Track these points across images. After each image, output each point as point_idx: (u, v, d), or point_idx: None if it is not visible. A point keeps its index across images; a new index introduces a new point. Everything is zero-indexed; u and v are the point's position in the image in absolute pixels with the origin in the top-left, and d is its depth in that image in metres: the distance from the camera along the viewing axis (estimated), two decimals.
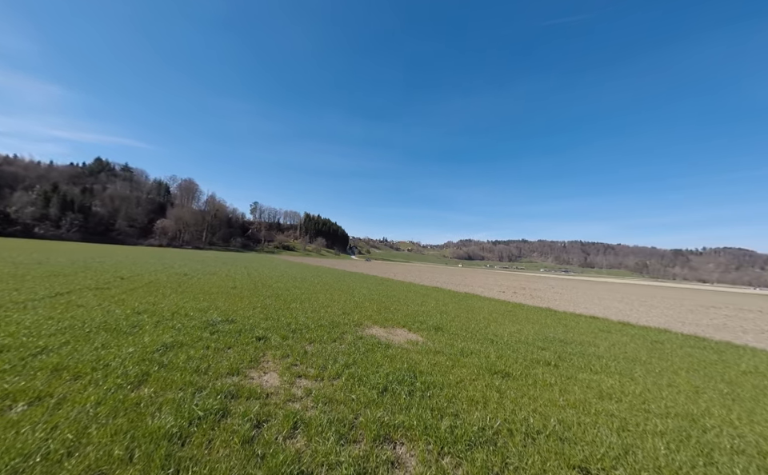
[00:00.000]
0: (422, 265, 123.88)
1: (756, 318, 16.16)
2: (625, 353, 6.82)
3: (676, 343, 8.22)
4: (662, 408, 3.84)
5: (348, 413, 2.94)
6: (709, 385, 4.97)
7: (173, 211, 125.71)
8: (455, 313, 10.38)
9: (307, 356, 4.58)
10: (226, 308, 7.70)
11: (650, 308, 17.80)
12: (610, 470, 2.43)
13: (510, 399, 3.70)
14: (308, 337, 5.60)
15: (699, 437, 3.12)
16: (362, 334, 6.32)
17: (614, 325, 10.67)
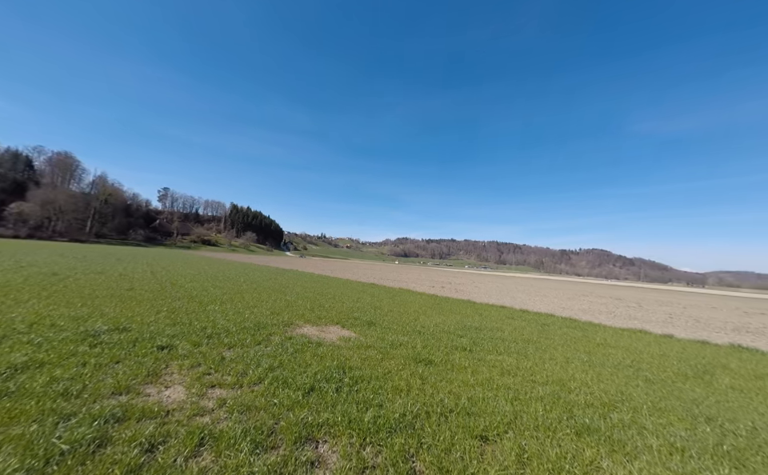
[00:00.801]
0: (360, 262, 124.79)
1: (608, 303, 21.40)
2: (522, 335, 8.16)
3: (557, 325, 10.26)
4: (544, 377, 4.74)
5: (268, 418, 2.75)
6: (575, 356, 6.36)
7: (38, 193, 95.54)
8: (389, 307, 10.78)
9: (224, 363, 4.11)
10: (116, 314, 6.31)
11: (542, 297, 21.78)
12: (503, 434, 2.88)
13: (430, 384, 4.03)
14: (227, 342, 5.03)
15: (565, 397, 3.98)
16: (292, 334, 6.01)
17: (517, 312, 12.69)
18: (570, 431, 3.05)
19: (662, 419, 3.58)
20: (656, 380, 5.20)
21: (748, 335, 11.50)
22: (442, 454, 2.47)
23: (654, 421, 3.49)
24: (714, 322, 14.67)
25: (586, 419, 3.33)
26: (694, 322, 14.19)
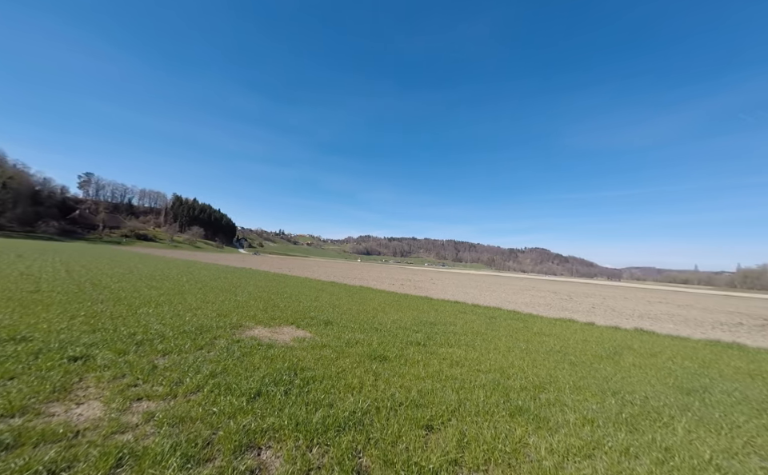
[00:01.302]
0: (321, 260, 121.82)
1: (546, 296, 24.02)
2: (472, 328, 8.75)
3: (503, 317, 11.20)
4: (487, 366, 5.15)
5: (204, 429, 2.53)
6: (516, 345, 7.02)
7: None
8: (348, 306, 10.71)
9: (156, 371, 3.68)
10: (13, 322, 5.25)
11: (492, 292, 23.61)
12: (447, 422, 3.06)
13: (383, 380, 4.11)
14: (161, 349, 4.51)
15: (504, 383, 4.37)
16: (241, 337, 5.63)
17: (469, 307, 13.56)
18: (505, 413, 3.36)
19: (580, 396, 4.14)
20: (578, 362, 5.99)
21: (649, 320, 13.86)
22: (389, 447, 2.53)
23: (573, 398, 4.01)
24: (625, 311, 17.40)
25: (520, 401, 3.71)
26: (611, 311, 16.66)
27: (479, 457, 2.52)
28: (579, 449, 2.77)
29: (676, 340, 9.20)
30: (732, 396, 4.56)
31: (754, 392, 4.87)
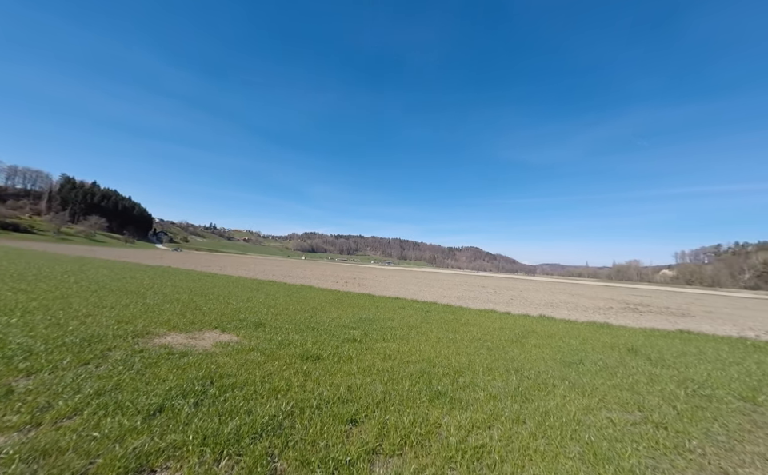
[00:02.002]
0: (259, 258, 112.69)
1: (475, 291, 26.75)
2: (408, 322, 9.22)
3: (437, 311, 12.09)
4: (417, 357, 5.50)
5: (77, 460, 2.11)
6: (445, 336, 7.65)
7: None
8: (285, 306, 10.17)
9: (12, 397, 2.91)
10: None
11: (430, 288, 25.24)
12: (371, 414, 3.17)
13: (313, 379, 4.03)
14: (24, 368, 3.59)
15: (429, 371, 4.74)
16: (146, 347, 4.84)
17: (408, 302, 14.25)
18: (426, 399, 3.64)
19: (490, 376, 4.74)
20: (493, 347, 6.84)
21: (551, 308, 16.63)
22: (308, 446, 2.51)
23: (484, 379, 4.58)
24: (535, 301, 20.54)
25: (440, 387, 4.06)
26: (524, 301, 19.47)
27: (396, 443, 2.68)
28: (482, 422, 3.18)
29: (567, 323, 11.24)
30: (597, 365, 5.81)
31: (611, 360, 6.28)
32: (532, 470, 2.44)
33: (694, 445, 3.04)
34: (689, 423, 3.52)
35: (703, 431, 3.36)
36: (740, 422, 3.68)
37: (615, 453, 2.75)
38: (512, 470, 2.41)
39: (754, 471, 2.69)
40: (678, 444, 3.06)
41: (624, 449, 2.82)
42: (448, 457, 2.52)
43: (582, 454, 2.71)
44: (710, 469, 2.70)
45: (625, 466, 2.56)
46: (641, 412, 3.77)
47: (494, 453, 2.62)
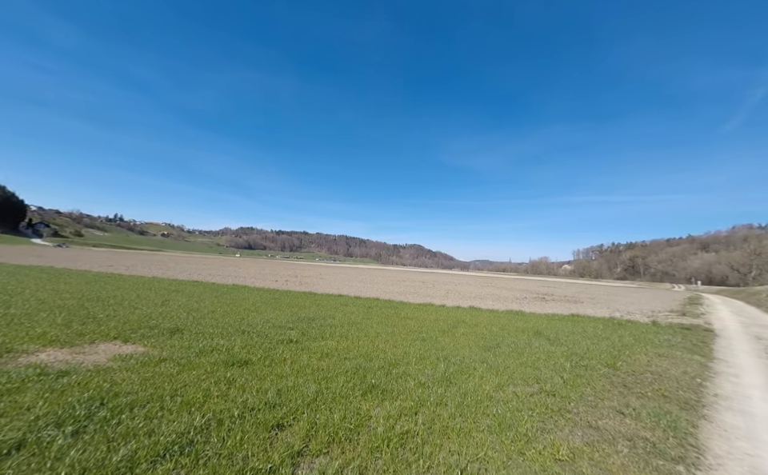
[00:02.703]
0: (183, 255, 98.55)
1: (416, 286, 28.24)
2: (350, 319, 9.21)
3: (379, 307, 12.37)
4: (355, 353, 5.54)
5: None
6: (384, 330, 7.88)
7: None
8: (211, 308, 9.11)
9: None
10: None
11: (374, 284, 25.69)
12: (300, 416, 3.07)
13: (237, 386, 3.71)
14: None
15: (366, 366, 4.82)
16: (4, 369, 3.77)
17: (351, 299, 14.24)
18: (359, 394, 3.69)
19: (422, 365, 5.07)
20: (427, 338, 7.32)
21: (479, 300, 18.60)
22: (223, 461, 2.30)
23: (416, 368, 4.87)
24: (467, 293, 22.71)
25: (374, 380, 4.17)
26: (458, 294, 21.35)
27: (324, 441, 2.66)
28: (410, 409, 3.38)
29: (491, 313, 12.73)
30: (510, 347, 6.72)
31: (521, 342, 7.34)
32: (449, 447, 2.70)
33: (571, 407, 3.78)
34: (570, 389, 4.36)
35: (579, 394, 4.19)
36: (604, 384, 4.70)
37: (515, 421, 3.23)
38: (431, 450, 2.62)
39: (608, 421, 3.47)
40: (561, 407, 3.76)
41: (522, 417, 3.34)
42: (374, 447, 2.61)
43: (491, 426, 3.11)
44: (580, 423, 3.38)
45: (521, 431, 3.03)
46: (538, 384, 4.51)
47: (417, 437, 2.81)
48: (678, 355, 6.85)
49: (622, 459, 2.70)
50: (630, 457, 2.75)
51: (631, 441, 3.04)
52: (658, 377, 5.22)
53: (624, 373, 5.29)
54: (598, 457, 2.70)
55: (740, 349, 8.27)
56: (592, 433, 3.18)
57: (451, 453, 2.61)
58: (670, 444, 3.04)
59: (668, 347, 7.62)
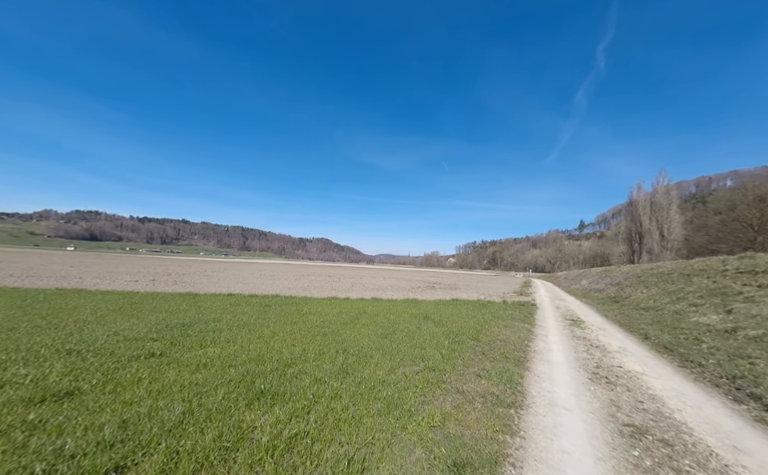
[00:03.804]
0: None
1: (322, 280, 27.67)
2: (241, 320, 8.11)
3: (279, 304, 11.42)
4: (244, 358, 4.88)
5: None
6: (282, 329, 7.31)
7: None
8: (11, 325, 6.23)
9: None
10: None
11: (275, 280, 23.65)
12: (154, 448, 2.45)
13: (49, 431, 2.63)
14: None
15: (255, 370, 4.32)
16: None
17: (244, 298, 12.60)
18: (242, 404, 3.26)
19: (320, 361, 4.95)
20: (329, 332, 7.24)
21: (381, 291, 19.84)
22: None
23: (314, 365, 4.72)
24: (370, 285, 23.86)
25: (264, 385, 3.78)
26: (362, 287, 22.17)
27: (189, 470, 2.20)
28: (302, 409, 3.23)
29: (390, 302, 13.79)
30: (404, 332, 7.43)
31: (413, 326, 8.24)
32: (340, 440, 2.71)
33: (446, 378, 4.48)
34: (447, 362, 5.17)
35: (452, 366, 5.03)
36: (470, 355, 5.81)
37: (402, 400, 3.57)
38: (321, 448, 2.57)
39: (470, 385, 4.29)
40: (439, 379, 4.40)
41: (408, 395, 3.72)
42: (256, 461, 2.34)
43: (381, 409, 3.32)
44: (451, 390, 4.05)
45: (406, 407, 3.37)
46: (423, 362, 5.15)
47: (307, 438, 2.70)
48: (516, 325, 9.21)
49: (477, 413, 3.39)
50: (483, 410, 3.48)
51: (484, 397, 3.86)
52: (504, 343, 6.87)
53: (483, 344, 6.69)
54: (461, 416, 3.29)
55: (549, 316, 11.86)
56: (459, 396, 3.85)
57: (341, 445, 2.62)
58: (507, 394, 4.03)
59: (510, 320, 10.14)
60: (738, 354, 6.07)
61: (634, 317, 11.43)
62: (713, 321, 8.85)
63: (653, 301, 13.59)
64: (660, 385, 4.76)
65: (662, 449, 2.99)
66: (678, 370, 5.58)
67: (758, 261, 12.09)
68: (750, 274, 11.20)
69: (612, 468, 2.65)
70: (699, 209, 50.15)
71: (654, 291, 15.26)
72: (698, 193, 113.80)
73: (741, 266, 12.35)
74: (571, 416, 3.58)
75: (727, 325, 8.17)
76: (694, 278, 13.91)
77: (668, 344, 7.26)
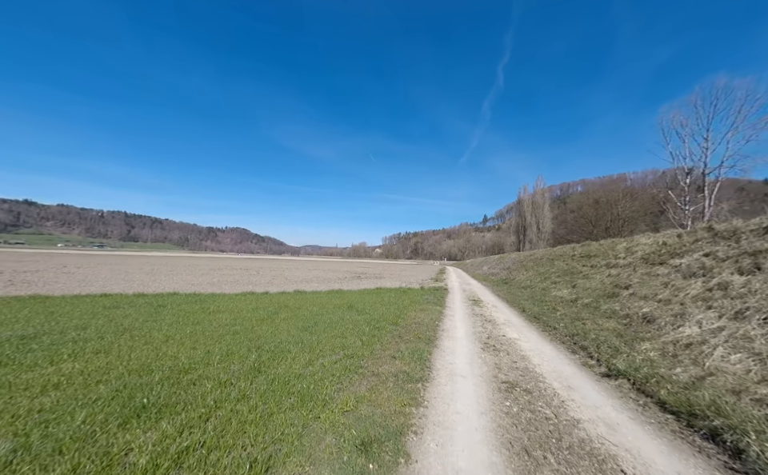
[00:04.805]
0: None
1: (237, 274, 24.77)
2: (119, 326, 6.56)
3: (176, 303, 9.68)
4: (120, 371, 3.96)
5: None
6: (180, 331, 6.23)
7: None
8: None
9: None
10: None
11: (173, 276, 19.96)
12: None
13: None
14: None
15: (136, 382, 3.57)
16: None
17: (127, 298, 10.23)
18: (113, 425, 2.66)
19: (227, 362, 4.44)
20: (241, 330, 6.55)
21: (305, 283, 19.08)
22: None
23: (219, 368, 4.20)
24: (293, 278, 22.65)
25: (148, 398, 3.16)
26: (285, 280, 20.84)
27: None
28: (199, 417, 2.85)
29: (314, 294, 13.41)
30: (326, 323, 7.35)
31: (336, 317, 8.23)
32: (242, 443, 2.51)
33: (364, 363, 4.66)
34: (366, 348, 5.37)
35: (371, 351, 5.26)
36: (388, 339, 6.18)
37: (317, 390, 3.54)
38: (219, 455, 2.32)
39: (385, 367, 4.58)
40: (357, 365, 4.54)
41: (324, 385, 3.71)
42: None
43: (293, 403, 3.22)
44: (368, 374, 4.24)
45: (321, 398, 3.36)
46: (343, 350, 5.22)
47: (202, 448, 2.40)
48: (430, 308, 10.26)
49: (389, 392, 3.65)
50: (394, 388, 3.77)
51: (396, 376, 4.18)
52: (418, 325, 7.57)
53: (401, 328, 7.22)
54: (374, 397, 3.48)
55: (457, 298, 13.64)
56: (374, 379, 4.06)
57: (244, 448, 2.43)
58: (417, 370, 4.47)
59: (426, 303, 11.24)
60: (577, 317, 8.26)
61: (516, 294, 14.22)
62: (564, 294, 11.78)
63: (529, 281, 17.18)
64: (528, 347, 6.09)
65: (525, 396, 3.84)
66: (541, 334, 7.24)
67: (591, 248, 16.62)
68: (587, 258, 15.31)
69: (490, 418, 3.26)
70: (561, 208, 65.55)
71: (531, 273, 19.29)
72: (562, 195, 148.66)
73: (582, 252, 16.75)
74: (465, 381, 4.23)
75: (573, 296, 11.01)
76: (555, 262, 18.16)
77: (537, 314, 9.31)
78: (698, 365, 4.49)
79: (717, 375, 4.11)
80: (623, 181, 73.94)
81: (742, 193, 26.42)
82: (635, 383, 4.21)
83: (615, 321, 7.55)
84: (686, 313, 6.32)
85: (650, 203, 34.23)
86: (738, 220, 9.18)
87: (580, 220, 44.41)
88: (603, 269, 12.42)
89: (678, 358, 4.89)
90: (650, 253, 10.86)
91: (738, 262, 7.09)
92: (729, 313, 5.60)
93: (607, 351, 5.46)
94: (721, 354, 4.61)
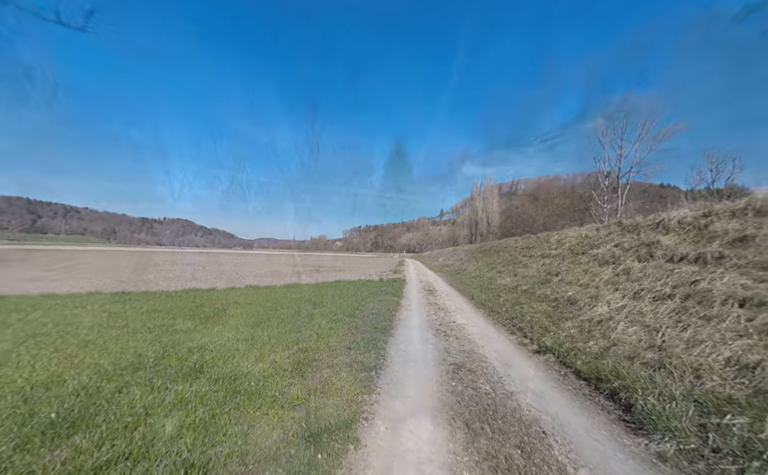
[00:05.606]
0: None
1: (179, 269, 22.32)
2: (22, 332, 5.49)
3: (100, 303, 8.40)
4: (18, 385, 3.32)
5: None
6: (104, 335, 5.42)
7: None
8: None
9: None
10: None
11: (96, 273, 17.26)
12: None
13: None
14: None
15: (41, 397, 3.04)
16: None
17: (33, 299, 8.56)
18: (8, 447, 2.23)
19: (162, 365, 4.01)
20: (181, 329, 5.96)
21: (260, 278, 17.99)
22: None
23: (152, 372, 3.78)
24: (246, 273, 21.22)
25: (57, 412, 2.71)
26: (236, 275, 19.41)
27: None
28: (124, 428, 2.53)
29: (269, 288, 12.73)
30: (280, 318, 7.06)
31: (291, 311, 7.95)
32: (176, 449, 2.31)
33: (319, 356, 4.61)
34: (322, 341, 5.30)
35: (327, 344, 5.21)
36: (345, 331, 6.18)
37: (267, 387, 3.42)
38: (147, 466, 2.09)
39: (341, 358, 4.59)
40: (312, 358, 4.46)
41: (275, 380, 3.59)
42: None
43: (240, 403, 3.06)
44: (322, 367, 4.21)
45: (269, 395, 3.25)
46: (297, 345, 5.08)
47: (128, 459, 2.15)
48: (387, 298, 10.50)
49: (342, 382, 3.68)
50: (348, 378, 3.81)
51: (351, 366, 4.22)
52: (375, 315, 7.70)
53: (358, 319, 7.27)
54: (326, 389, 3.48)
55: (414, 288, 14.17)
56: (328, 371, 4.05)
57: (179, 454, 2.24)
58: (372, 359, 4.57)
59: (384, 294, 11.47)
60: (516, 302, 9.21)
61: (467, 283, 15.30)
62: (507, 281, 13.02)
63: (479, 271, 18.60)
64: (475, 331, 6.63)
65: (469, 375, 4.19)
66: (486, 318, 7.92)
67: (530, 240, 18.56)
68: (526, 249, 17.08)
69: (438, 399, 3.50)
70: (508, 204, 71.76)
71: (480, 263, 20.89)
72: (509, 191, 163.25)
73: (523, 244, 18.62)
74: (417, 366, 4.45)
75: (514, 283, 12.22)
76: (501, 253, 19.90)
77: (483, 301, 10.15)
78: (606, 338, 5.37)
79: (618, 345, 4.96)
80: (558, 181, 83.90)
81: (645, 194, 31.91)
82: (559, 356, 4.88)
83: (546, 304, 8.59)
84: (600, 294, 7.48)
85: (578, 201, 39.42)
86: (640, 216, 11.06)
87: (522, 215, 49.31)
88: (539, 258, 13.99)
89: (592, 333, 5.78)
90: (576, 245, 12.53)
91: (638, 251, 8.58)
92: (629, 294, 6.77)
93: (539, 331, 6.21)
94: (622, 328, 5.56)
